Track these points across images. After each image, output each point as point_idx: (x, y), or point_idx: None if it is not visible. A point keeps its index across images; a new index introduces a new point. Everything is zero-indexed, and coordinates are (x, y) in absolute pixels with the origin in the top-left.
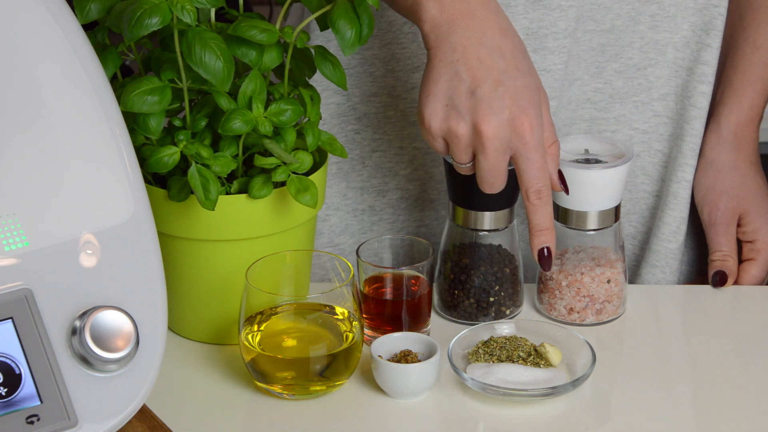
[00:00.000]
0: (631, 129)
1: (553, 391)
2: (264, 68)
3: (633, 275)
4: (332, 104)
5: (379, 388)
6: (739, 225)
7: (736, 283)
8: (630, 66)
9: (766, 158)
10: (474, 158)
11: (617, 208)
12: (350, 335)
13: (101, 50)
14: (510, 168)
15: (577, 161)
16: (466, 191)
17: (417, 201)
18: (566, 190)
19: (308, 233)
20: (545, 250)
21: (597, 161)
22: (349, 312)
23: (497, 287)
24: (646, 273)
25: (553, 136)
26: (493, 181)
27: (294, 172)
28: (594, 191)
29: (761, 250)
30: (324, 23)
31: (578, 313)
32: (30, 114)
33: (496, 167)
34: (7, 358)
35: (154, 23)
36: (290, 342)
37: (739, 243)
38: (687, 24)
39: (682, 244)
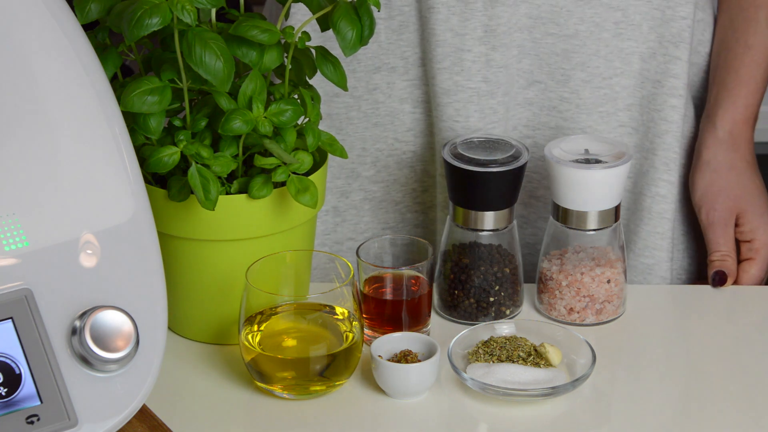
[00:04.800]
0: None
1: (553, 391)
2: (264, 68)
3: None
4: None
5: (379, 388)
6: (736, 225)
7: (735, 283)
8: (596, 75)
9: (763, 158)
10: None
11: (617, 208)
12: (350, 335)
13: (101, 50)
14: (510, 168)
15: (577, 161)
16: (466, 191)
17: (381, 203)
18: None
19: (308, 233)
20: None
21: (597, 161)
22: (349, 312)
23: (497, 287)
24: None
25: None
26: None
27: (294, 173)
28: (594, 191)
29: (760, 250)
30: (324, 24)
31: (578, 313)
32: (30, 114)
33: None
34: (7, 358)
35: (154, 23)
36: (290, 342)
37: (738, 243)
38: (654, 35)
39: (665, 260)
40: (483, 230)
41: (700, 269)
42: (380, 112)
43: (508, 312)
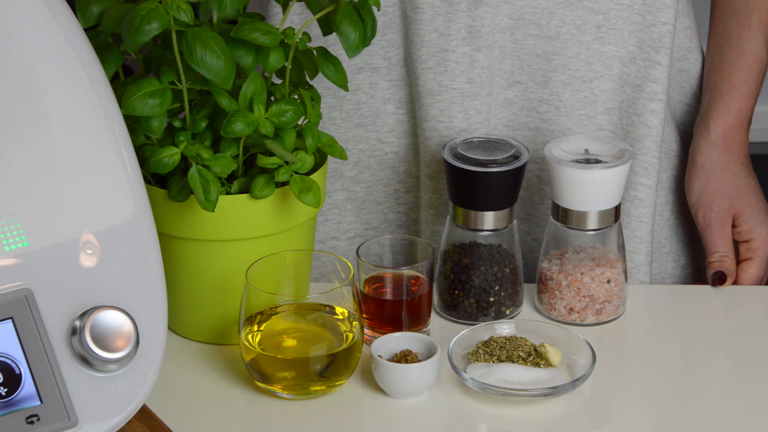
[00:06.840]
0: None
1: (553, 391)
2: (270, 69)
3: None
4: None
5: (379, 388)
6: (734, 225)
7: (734, 283)
8: (576, 78)
9: (760, 158)
10: None
11: (617, 208)
12: (350, 335)
13: (103, 50)
14: (510, 168)
15: (577, 161)
16: (466, 191)
17: (364, 203)
18: None
19: (308, 233)
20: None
21: (597, 161)
22: (349, 312)
23: (497, 287)
24: None
25: None
26: None
27: (296, 172)
28: (594, 191)
29: (758, 249)
30: (326, 27)
31: (578, 313)
32: (30, 114)
33: None
34: (7, 358)
35: (154, 28)
36: (290, 342)
37: (736, 243)
38: (634, 39)
39: (644, 264)
40: (483, 230)
41: (686, 273)
42: (362, 112)
43: (508, 312)
